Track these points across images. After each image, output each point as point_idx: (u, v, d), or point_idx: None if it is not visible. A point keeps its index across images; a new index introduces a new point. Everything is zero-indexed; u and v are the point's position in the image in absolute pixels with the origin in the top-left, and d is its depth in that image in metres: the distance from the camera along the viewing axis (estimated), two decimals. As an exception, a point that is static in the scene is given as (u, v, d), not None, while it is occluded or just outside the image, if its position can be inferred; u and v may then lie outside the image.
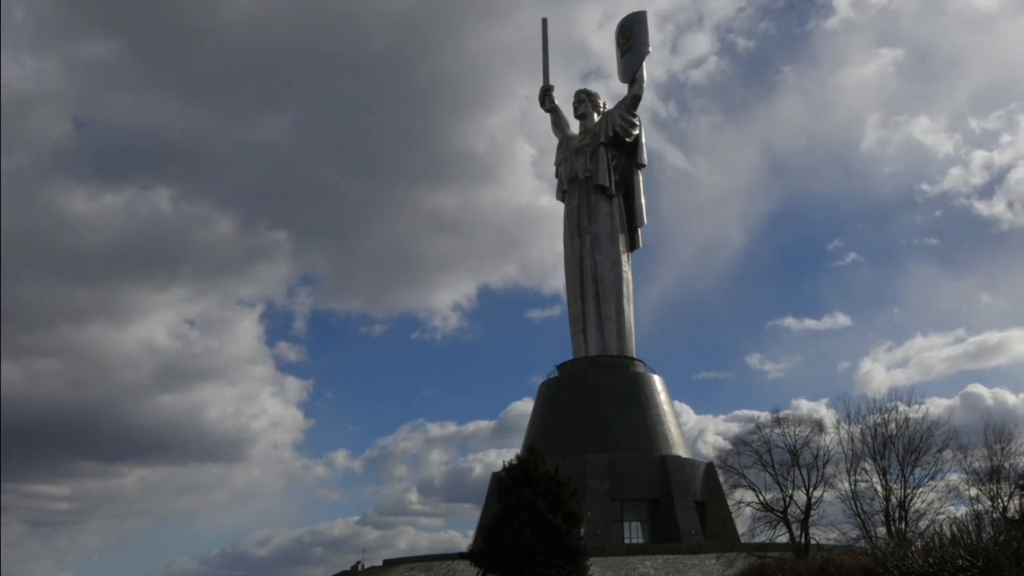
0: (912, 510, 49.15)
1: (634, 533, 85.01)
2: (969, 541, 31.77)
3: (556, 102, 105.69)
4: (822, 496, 53.03)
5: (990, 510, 46.10)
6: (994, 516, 44.65)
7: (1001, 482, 47.70)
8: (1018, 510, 45.43)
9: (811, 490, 52.75)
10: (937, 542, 34.23)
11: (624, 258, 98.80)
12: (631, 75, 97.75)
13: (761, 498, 54.67)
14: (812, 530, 53.16)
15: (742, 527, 69.86)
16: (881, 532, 49.06)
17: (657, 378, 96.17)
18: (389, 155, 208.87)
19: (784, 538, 53.94)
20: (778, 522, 53.55)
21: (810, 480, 52.84)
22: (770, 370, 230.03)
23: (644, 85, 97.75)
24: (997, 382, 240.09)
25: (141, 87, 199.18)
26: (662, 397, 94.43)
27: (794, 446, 53.81)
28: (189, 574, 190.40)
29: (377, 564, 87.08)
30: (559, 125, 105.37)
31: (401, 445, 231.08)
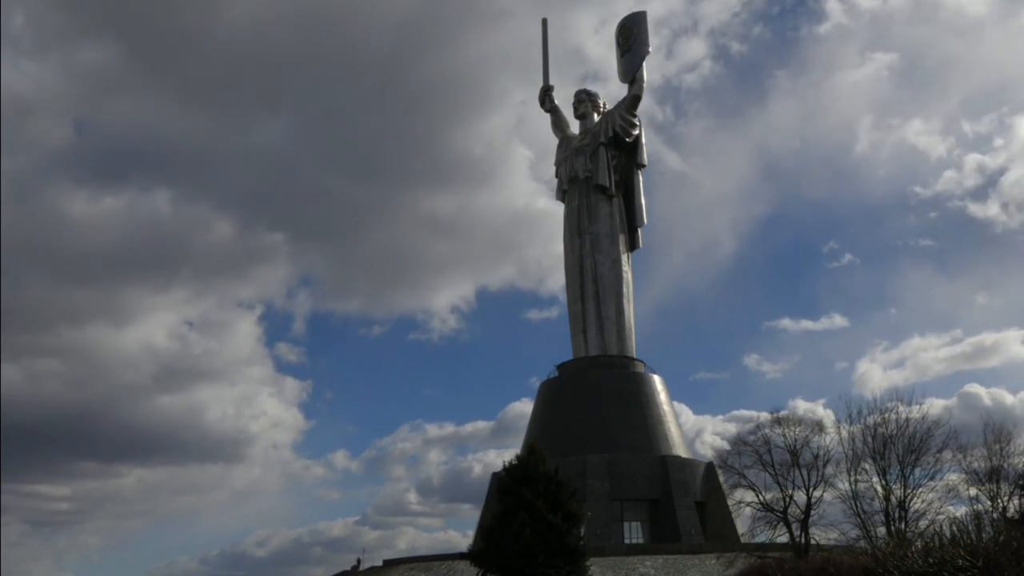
0: (912, 510, 49.16)
1: (634, 533, 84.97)
2: (969, 541, 31.79)
3: (556, 102, 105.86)
4: (822, 496, 53.07)
5: (990, 510, 46.11)
6: (994, 516, 44.66)
7: (1001, 482, 47.74)
8: (1018, 510, 45.45)
9: (811, 490, 52.75)
10: (937, 542, 34.24)
11: (624, 258, 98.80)
12: (631, 75, 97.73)
13: (761, 498, 54.68)
14: (812, 530, 53.16)
15: (742, 527, 69.92)
16: (881, 532, 49.08)
17: (657, 378, 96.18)
18: (387, 158, 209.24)
19: (784, 538, 53.93)
20: (778, 522, 53.55)
21: (810, 480, 52.85)
22: (768, 371, 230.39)
23: (644, 85, 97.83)
24: (994, 383, 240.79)
25: (140, 90, 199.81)
26: (662, 397, 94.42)
27: (794, 446, 53.83)
28: (189, 574, 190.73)
29: (377, 564, 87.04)
30: (559, 125, 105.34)
31: (400, 446, 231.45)
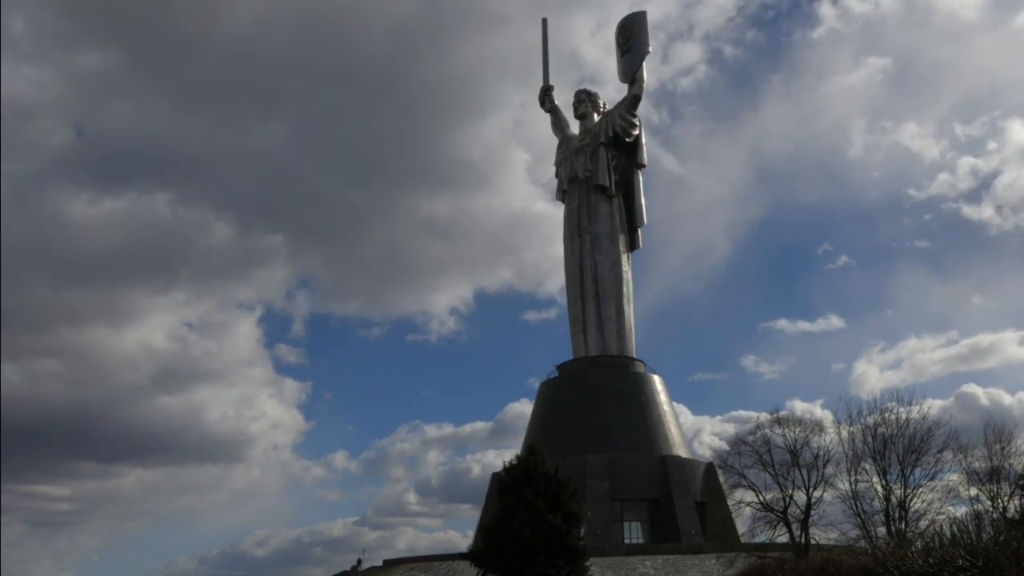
0: (912, 510, 49.14)
1: (634, 533, 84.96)
2: (969, 541, 31.77)
3: (556, 102, 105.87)
4: (822, 496, 53.05)
5: (990, 510, 46.09)
6: (994, 516, 44.65)
7: (1001, 482, 47.72)
8: (1018, 510, 45.43)
9: (811, 490, 52.73)
10: (937, 542, 34.23)
11: (624, 258, 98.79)
12: (631, 75, 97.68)
13: (761, 498, 54.66)
14: (812, 530, 53.12)
15: (742, 527, 69.89)
16: (881, 532, 49.07)
17: (657, 378, 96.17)
18: (386, 160, 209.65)
19: (784, 538, 53.90)
20: (778, 522, 53.51)
21: (810, 480, 52.84)
22: (765, 371, 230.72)
23: (644, 85, 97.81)
24: (990, 384, 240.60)
25: (140, 94, 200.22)
26: (662, 397, 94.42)
27: (794, 446, 53.82)
28: (188, 574, 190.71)
29: (377, 564, 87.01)
30: (559, 125, 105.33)
31: (399, 446, 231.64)
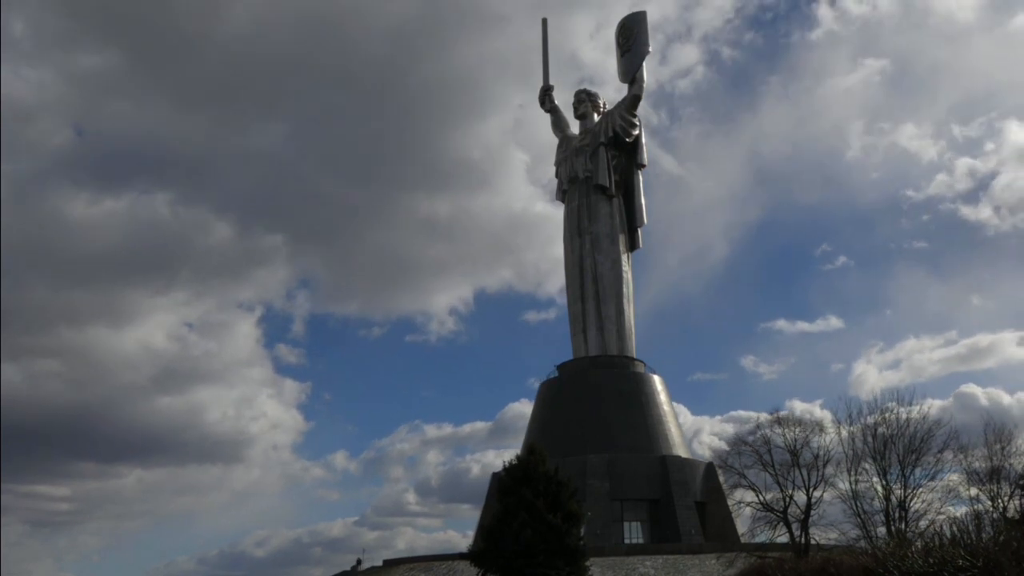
0: (912, 510, 49.14)
1: (634, 533, 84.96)
2: (969, 541, 31.76)
3: (556, 102, 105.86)
4: (822, 496, 53.04)
5: (990, 510, 46.07)
6: (994, 516, 44.63)
7: (1001, 482, 47.71)
8: (1018, 510, 45.41)
9: (811, 490, 52.72)
10: (937, 542, 34.21)
11: (624, 258, 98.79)
12: (631, 75, 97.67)
13: (761, 498, 54.65)
14: (812, 530, 53.12)
15: (742, 527, 69.89)
16: (881, 532, 49.06)
17: (657, 378, 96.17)
18: (385, 161, 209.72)
19: (784, 538, 53.90)
20: (778, 522, 53.51)
21: (810, 480, 52.83)
22: (764, 372, 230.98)
23: (644, 85, 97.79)
24: (989, 384, 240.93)
25: (140, 94, 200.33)
26: (662, 397, 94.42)
27: (794, 446, 53.80)
28: (188, 574, 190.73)
29: (377, 564, 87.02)
30: (559, 125, 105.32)
31: (398, 446, 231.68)
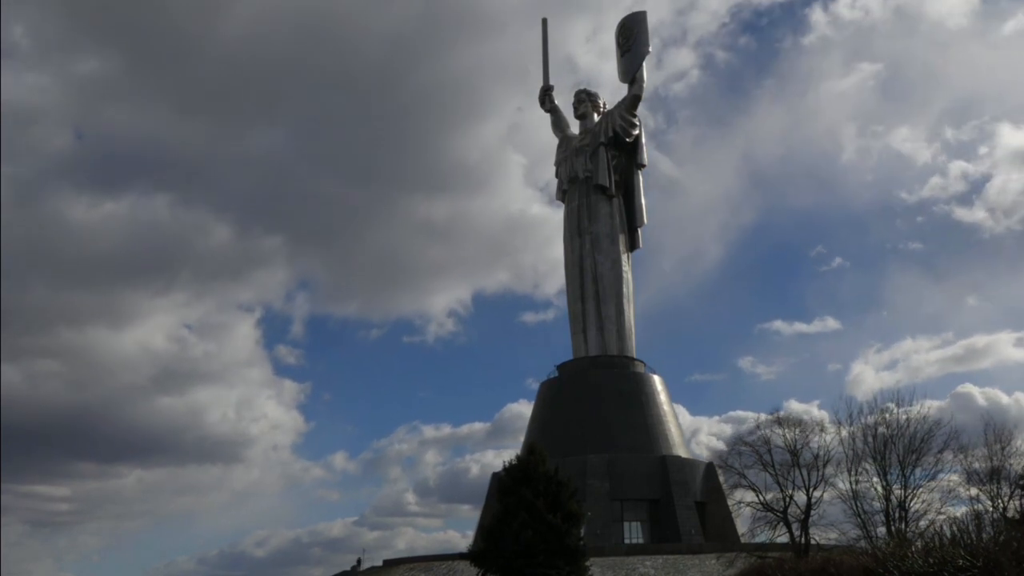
0: (912, 510, 49.14)
1: (634, 533, 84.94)
2: (969, 541, 31.74)
3: (556, 102, 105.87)
4: (822, 496, 53.05)
5: (990, 510, 46.08)
6: (994, 516, 44.64)
7: (1001, 482, 47.71)
8: (1018, 510, 45.43)
9: (811, 490, 52.72)
10: (937, 542, 34.18)
11: (624, 258, 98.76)
12: (631, 75, 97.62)
13: (761, 498, 54.65)
14: (812, 530, 53.12)
15: (742, 527, 69.89)
16: (881, 532, 49.07)
17: (657, 378, 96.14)
18: (384, 164, 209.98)
19: (784, 538, 53.90)
20: (778, 522, 53.50)
21: (810, 480, 52.83)
22: (762, 372, 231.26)
23: (644, 85, 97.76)
24: (986, 384, 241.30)
25: (140, 98, 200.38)
26: (662, 397, 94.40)
27: (794, 446, 53.80)
28: (188, 574, 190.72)
29: (377, 564, 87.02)
30: (559, 125, 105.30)
31: (397, 447, 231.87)
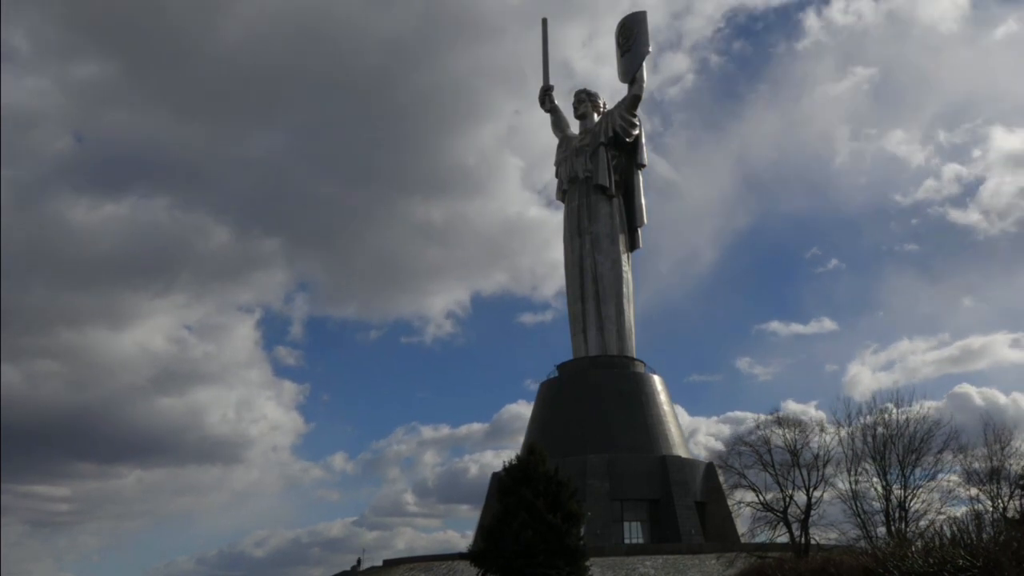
0: (912, 510, 49.15)
1: (634, 533, 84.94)
2: (969, 541, 31.74)
3: (556, 102, 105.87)
4: (822, 496, 53.07)
5: (990, 510, 46.08)
6: (994, 516, 44.64)
7: (1001, 482, 47.72)
8: (1018, 510, 45.42)
9: (811, 490, 52.73)
10: (937, 542, 34.19)
11: (624, 258, 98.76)
12: (631, 75, 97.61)
13: (761, 498, 54.65)
14: (812, 530, 53.14)
15: (742, 527, 69.87)
16: (881, 532, 49.07)
17: (657, 378, 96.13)
18: (382, 167, 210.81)
19: (784, 538, 53.91)
20: (778, 522, 53.52)
21: (810, 480, 52.84)
22: (759, 373, 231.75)
23: (644, 85, 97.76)
24: (982, 385, 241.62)
25: (138, 103, 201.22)
26: (662, 397, 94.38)
27: (794, 446, 53.81)
28: (188, 574, 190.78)
29: (377, 564, 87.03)
30: (559, 125, 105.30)
31: (395, 448, 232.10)
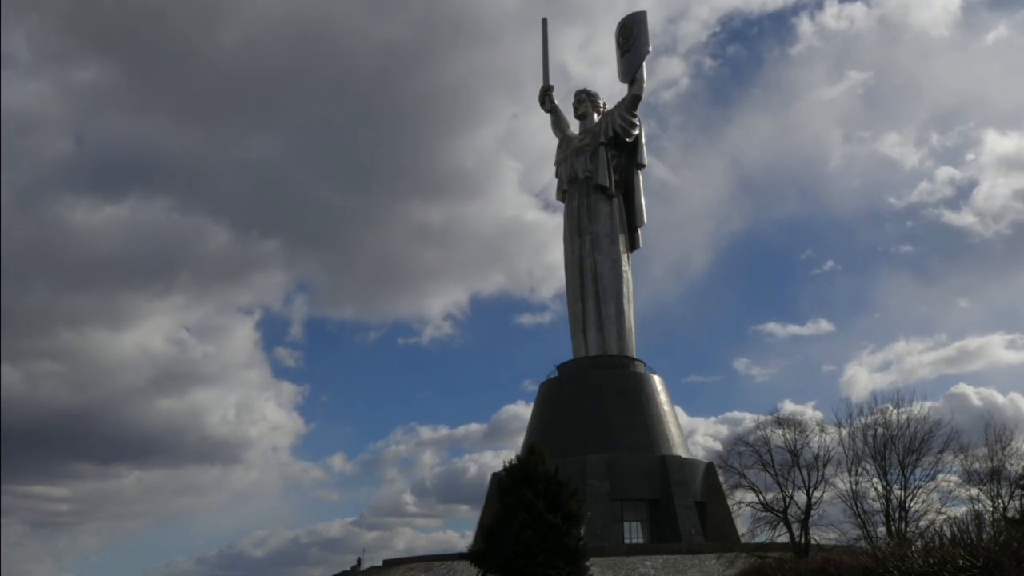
0: (912, 510, 49.14)
1: (634, 533, 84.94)
2: (969, 541, 31.71)
3: (556, 102, 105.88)
4: (822, 496, 53.04)
5: (990, 510, 46.07)
6: (994, 516, 44.62)
7: (1001, 482, 47.71)
8: (1018, 510, 45.40)
9: (811, 490, 52.72)
10: (937, 542, 34.15)
11: (624, 258, 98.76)
12: (631, 75, 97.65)
13: (761, 498, 54.65)
14: (812, 530, 53.12)
15: (742, 527, 69.88)
16: (881, 532, 49.05)
17: (657, 378, 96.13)
18: (380, 169, 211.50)
19: (784, 538, 53.89)
20: (778, 522, 53.51)
21: (810, 480, 52.83)
22: (757, 374, 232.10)
23: (644, 85, 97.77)
24: (980, 386, 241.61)
25: (138, 106, 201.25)
26: (662, 397, 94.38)
27: (794, 446, 53.80)
28: (187, 574, 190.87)
29: (377, 564, 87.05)
30: (559, 125, 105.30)
31: (394, 448, 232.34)
